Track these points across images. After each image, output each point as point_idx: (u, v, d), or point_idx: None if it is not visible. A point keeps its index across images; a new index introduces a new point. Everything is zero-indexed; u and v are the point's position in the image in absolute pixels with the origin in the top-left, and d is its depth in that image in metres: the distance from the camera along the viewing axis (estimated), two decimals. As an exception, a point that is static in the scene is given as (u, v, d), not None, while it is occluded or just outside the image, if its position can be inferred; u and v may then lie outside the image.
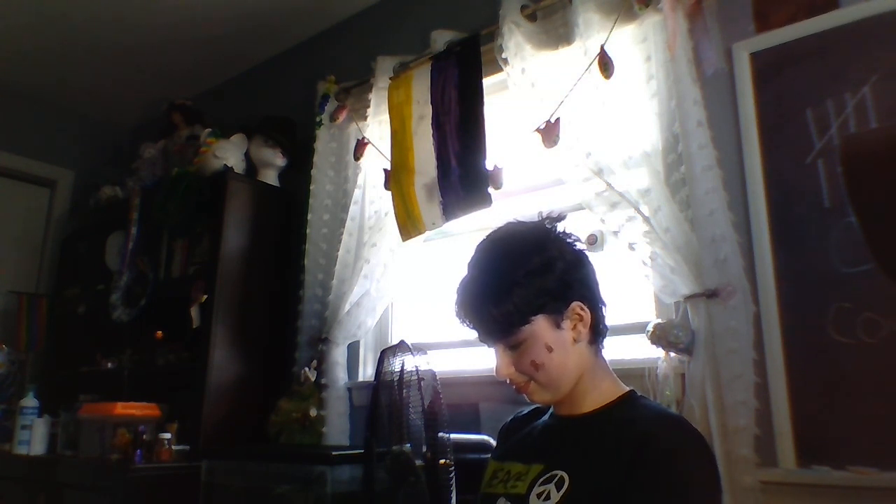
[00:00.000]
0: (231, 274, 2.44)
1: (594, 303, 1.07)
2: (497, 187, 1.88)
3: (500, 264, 1.04)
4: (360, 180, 2.35)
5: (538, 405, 1.17)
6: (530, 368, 1.03)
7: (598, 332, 1.07)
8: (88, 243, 3.22)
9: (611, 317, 1.12)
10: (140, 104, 3.62)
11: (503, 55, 1.92)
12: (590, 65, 1.71)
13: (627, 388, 1.08)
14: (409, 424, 1.49)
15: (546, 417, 1.13)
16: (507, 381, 1.07)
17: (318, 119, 2.52)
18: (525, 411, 1.22)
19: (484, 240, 1.10)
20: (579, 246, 1.09)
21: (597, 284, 1.09)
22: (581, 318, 1.04)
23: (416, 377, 1.53)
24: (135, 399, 2.35)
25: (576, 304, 1.04)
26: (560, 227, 1.10)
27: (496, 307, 1.01)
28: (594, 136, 1.72)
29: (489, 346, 1.09)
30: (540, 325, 1.02)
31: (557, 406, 1.10)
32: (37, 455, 2.45)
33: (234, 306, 2.42)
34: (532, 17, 1.97)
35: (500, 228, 1.11)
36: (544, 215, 1.11)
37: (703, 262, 1.53)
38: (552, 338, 1.02)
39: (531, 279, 1.01)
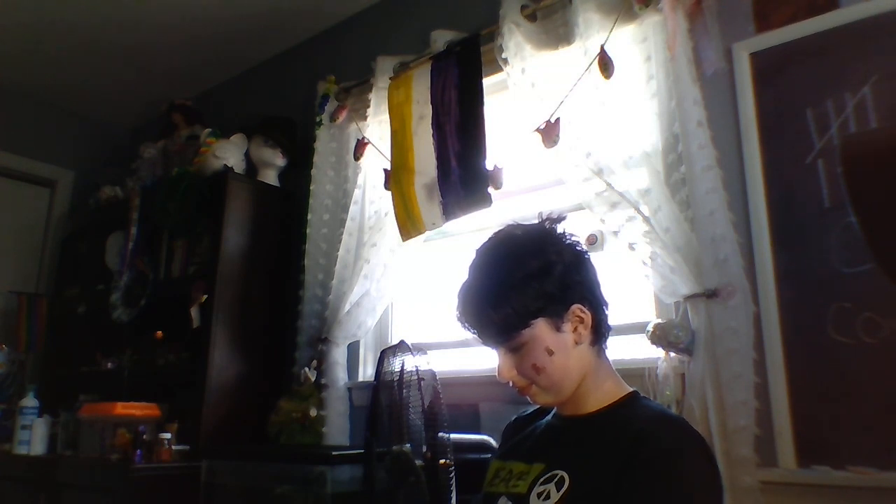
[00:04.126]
0: (231, 274, 2.44)
1: (595, 304, 1.06)
2: (497, 187, 1.88)
3: (498, 268, 1.04)
4: (360, 180, 2.35)
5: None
6: (531, 371, 1.03)
7: (599, 333, 1.07)
8: (88, 243, 3.21)
9: (611, 317, 1.12)
10: (140, 104, 3.62)
11: (503, 55, 1.91)
12: (590, 65, 1.71)
13: (630, 389, 1.08)
14: (409, 424, 1.49)
15: (549, 417, 1.13)
16: (510, 384, 1.07)
17: (318, 119, 2.52)
18: (529, 410, 1.22)
19: (484, 243, 1.10)
20: (580, 247, 1.08)
21: (598, 285, 1.09)
22: (582, 321, 1.04)
23: (416, 377, 1.53)
24: (135, 399, 2.35)
25: (576, 307, 1.03)
26: (560, 228, 1.09)
27: (495, 311, 1.02)
28: (594, 136, 1.72)
29: (491, 349, 1.09)
30: (540, 329, 1.02)
31: (560, 406, 1.10)
32: (37, 455, 2.45)
33: (234, 306, 2.42)
34: (532, 17, 1.97)
35: (499, 231, 1.11)
36: (544, 216, 1.11)
37: (703, 262, 1.53)
38: (553, 341, 1.02)
39: (530, 283, 1.01)
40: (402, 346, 1.60)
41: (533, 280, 1.01)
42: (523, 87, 1.87)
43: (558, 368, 1.02)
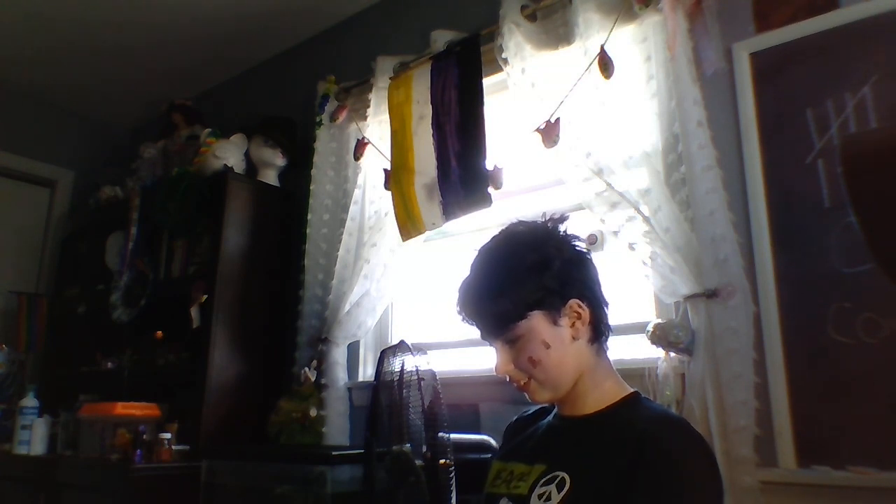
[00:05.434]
0: (231, 274, 2.44)
1: (594, 302, 1.07)
2: (497, 187, 1.88)
3: (498, 261, 1.07)
4: (360, 180, 2.35)
5: (543, 405, 1.17)
6: (528, 365, 1.04)
7: (599, 331, 1.07)
8: (88, 243, 3.21)
9: (611, 317, 1.12)
10: (140, 104, 3.62)
11: (503, 55, 1.91)
12: (590, 65, 1.71)
13: (631, 390, 1.08)
14: (409, 424, 1.49)
15: (550, 418, 1.14)
16: (507, 379, 1.08)
17: (318, 119, 2.52)
18: (530, 411, 1.22)
19: (486, 241, 1.12)
20: (581, 246, 1.10)
21: (598, 284, 1.10)
22: (579, 316, 1.04)
23: (416, 377, 1.52)
24: (135, 399, 2.35)
25: (574, 302, 1.04)
26: (562, 227, 1.11)
27: (494, 303, 1.03)
28: (594, 136, 1.72)
29: (490, 344, 1.09)
30: (537, 321, 1.03)
31: (561, 406, 1.11)
32: (37, 455, 2.45)
33: (234, 306, 2.42)
34: (532, 17, 1.97)
35: (502, 230, 1.13)
36: (547, 216, 1.12)
37: (703, 262, 1.53)
38: (550, 334, 1.03)
39: (528, 275, 1.03)
40: (402, 346, 1.60)
41: (531, 273, 1.03)
42: (523, 87, 1.87)
43: (555, 362, 1.03)
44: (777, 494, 1.39)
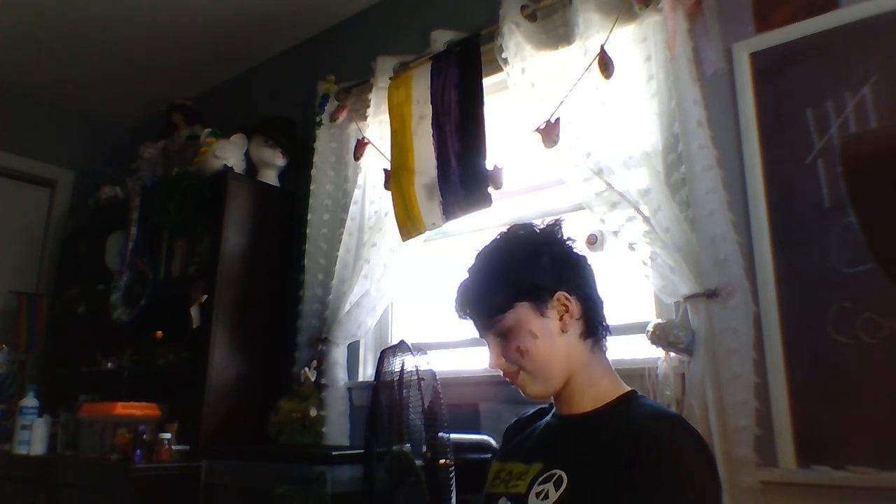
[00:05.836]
0: (231, 274, 2.44)
1: (585, 298, 1.08)
2: (497, 187, 1.88)
3: (491, 260, 1.11)
4: (360, 180, 2.35)
5: (542, 405, 1.19)
6: (516, 355, 1.06)
7: (591, 327, 1.08)
8: (88, 243, 3.22)
9: (611, 317, 1.13)
10: (140, 104, 3.62)
11: (503, 55, 1.91)
12: (590, 65, 1.71)
13: (629, 389, 1.08)
14: (409, 424, 1.49)
15: (548, 417, 1.14)
16: (501, 374, 1.10)
17: (318, 119, 2.52)
18: (529, 412, 1.23)
19: (484, 244, 1.16)
20: (574, 247, 1.12)
21: (591, 281, 1.12)
22: (567, 309, 1.06)
23: (416, 377, 1.52)
24: (135, 399, 2.35)
25: (560, 294, 1.06)
26: (557, 229, 1.13)
27: (483, 296, 1.08)
28: (594, 136, 1.72)
29: (485, 340, 1.12)
30: (524, 312, 1.05)
31: (558, 405, 1.12)
32: (37, 455, 2.45)
33: (234, 306, 2.42)
34: (532, 17, 1.97)
35: (499, 234, 1.16)
36: (545, 222, 1.15)
37: (703, 262, 1.53)
38: (537, 325, 1.05)
39: (516, 269, 1.07)
40: (402, 346, 1.60)
41: (519, 266, 1.07)
42: (523, 87, 1.87)
43: (542, 353, 1.05)
44: (777, 494, 1.39)
